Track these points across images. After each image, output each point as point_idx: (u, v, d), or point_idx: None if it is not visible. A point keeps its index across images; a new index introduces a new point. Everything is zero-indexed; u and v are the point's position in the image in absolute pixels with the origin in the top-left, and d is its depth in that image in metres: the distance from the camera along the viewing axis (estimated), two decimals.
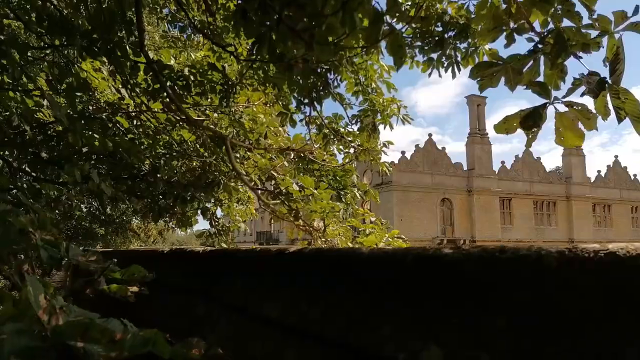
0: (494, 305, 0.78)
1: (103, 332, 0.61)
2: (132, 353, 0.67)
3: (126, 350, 0.66)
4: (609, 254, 0.64)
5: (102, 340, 0.61)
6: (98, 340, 0.61)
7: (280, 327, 1.33)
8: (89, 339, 0.61)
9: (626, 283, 0.61)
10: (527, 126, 1.55)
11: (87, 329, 0.61)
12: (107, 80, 3.63)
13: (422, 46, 3.21)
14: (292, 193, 3.33)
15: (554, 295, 0.69)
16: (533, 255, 0.74)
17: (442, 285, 0.91)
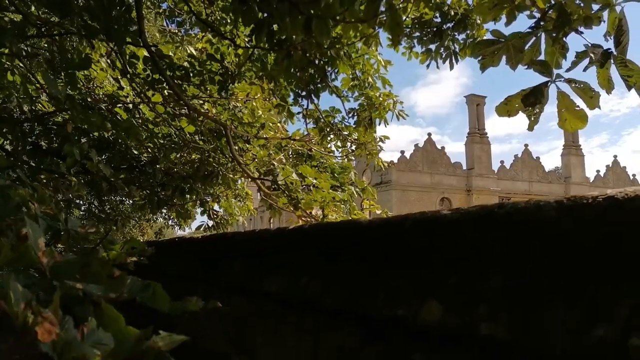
0: (493, 261, 0.78)
1: (103, 266, 0.61)
2: (132, 295, 0.67)
3: (126, 291, 0.66)
4: (607, 198, 0.64)
5: (102, 274, 0.60)
6: (98, 275, 0.61)
7: (280, 301, 1.33)
8: (88, 276, 0.61)
9: (625, 226, 0.61)
10: (528, 103, 1.55)
11: (86, 265, 0.61)
12: (105, 72, 3.63)
13: (420, 37, 3.21)
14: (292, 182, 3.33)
15: (553, 246, 0.69)
16: (531, 207, 0.74)
17: (441, 247, 0.91)
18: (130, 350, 0.51)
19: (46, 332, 0.44)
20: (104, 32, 2.14)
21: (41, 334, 0.44)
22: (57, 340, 0.44)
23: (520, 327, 0.64)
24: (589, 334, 0.56)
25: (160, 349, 0.51)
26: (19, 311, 0.49)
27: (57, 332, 0.44)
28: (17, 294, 0.50)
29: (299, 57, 2.41)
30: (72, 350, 0.45)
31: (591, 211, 0.65)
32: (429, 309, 0.81)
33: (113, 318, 0.61)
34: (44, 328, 0.44)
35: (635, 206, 0.60)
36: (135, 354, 0.50)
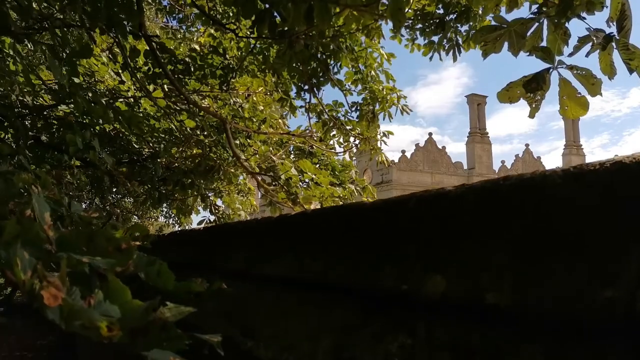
0: (499, 233, 0.77)
1: (109, 240, 0.60)
2: (138, 270, 0.67)
3: (132, 265, 0.66)
4: (615, 163, 0.63)
5: (109, 247, 0.60)
6: (104, 249, 0.60)
7: (282, 283, 1.32)
8: (94, 249, 0.61)
9: (632, 189, 0.60)
10: (529, 89, 1.54)
11: (92, 237, 0.60)
12: (107, 66, 3.63)
13: (423, 28, 3.20)
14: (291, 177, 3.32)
15: (558, 213, 0.68)
16: (537, 177, 0.73)
17: (446, 223, 0.90)
18: (137, 320, 0.50)
19: (52, 297, 0.43)
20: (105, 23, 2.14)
21: (47, 298, 0.43)
22: (63, 306, 0.44)
23: (526, 294, 0.63)
24: (597, 296, 0.55)
25: (167, 319, 0.50)
26: (25, 278, 0.48)
27: (63, 297, 0.44)
28: (24, 262, 0.50)
29: (300, 47, 2.40)
30: (78, 315, 0.44)
31: (597, 176, 0.64)
32: (432, 282, 0.80)
33: (119, 291, 0.60)
34: (50, 293, 0.43)
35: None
36: (141, 324, 0.49)
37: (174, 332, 0.49)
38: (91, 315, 0.44)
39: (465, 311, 0.72)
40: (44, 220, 0.61)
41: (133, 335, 0.47)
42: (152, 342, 0.48)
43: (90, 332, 0.44)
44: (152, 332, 0.47)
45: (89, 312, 0.44)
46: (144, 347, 0.49)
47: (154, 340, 0.47)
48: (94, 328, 0.43)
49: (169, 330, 0.48)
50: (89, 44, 1.96)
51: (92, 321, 0.43)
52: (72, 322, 0.44)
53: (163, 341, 0.48)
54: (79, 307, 0.44)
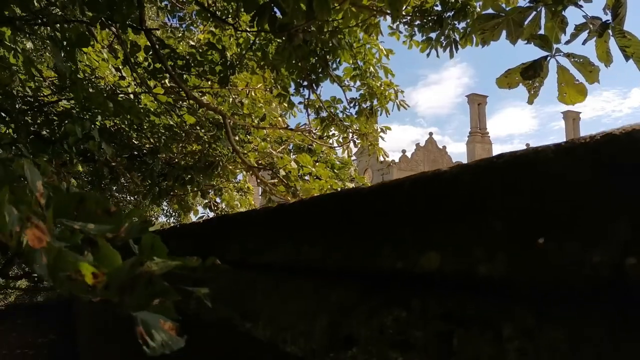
0: (493, 209, 0.78)
1: (97, 202, 0.61)
2: (129, 236, 0.67)
3: (124, 232, 0.66)
4: (605, 135, 0.64)
5: (98, 211, 0.60)
6: (93, 213, 0.61)
7: (280, 270, 1.33)
8: (84, 212, 0.61)
9: (621, 159, 0.61)
10: (527, 76, 1.55)
11: (82, 200, 0.61)
12: (107, 62, 3.64)
13: (421, 25, 3.21)
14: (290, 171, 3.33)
15: (551, 186, 0.70)
16: (530, 152, 0.74)
17: (440, 203, 0.91)
18: (124, 275, 0.51)
19: (36, 239, 0.44)
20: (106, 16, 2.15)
21: (31, 239, 0.44)
22: (48, 249, 0.45)
23: (518, 263, 0.64)
24: (587, 261, 0.56)
25: (154, 273, 0.51)
26: (13, 230, 0.49)
27: (47, 240, 0.45)
28: (12, 216, 0.50)
29: (299, 40, 2.42)
30: (63, 260, 0.45)
31: (587, 149, 0.65)
32: (427, 258, 0.81)
33: (110, 256, 0.61)
34: (34, 233, 0.44)
35: (632, 138, 0.60)
36: (128, 279, 0.50)
37: (161, 286, 0.50)
38: (76, 258, 0.44)
39: (460, 285, 0.73)
40: (36, 188, 0.62)
41: (121, 292, 0.48)
42: (140, 299, 0.49)
43: (76, 285, 0.45)
44: (139, 287, 0.48)
45: (73, 255, 0.45)
46: (133, 306, 0.50)
47: (142, 296, 0.48)
48: (80, 279, 0.44)
49: (155, 285, 0.49)
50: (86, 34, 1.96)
51: (77, 266, 0.44)
52: (58, 274, 0.44)
53: (151, 296, 0.49)
54: (64, 250, 0.45)
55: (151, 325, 0.52)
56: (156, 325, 0.53)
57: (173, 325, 0.57)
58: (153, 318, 0.54)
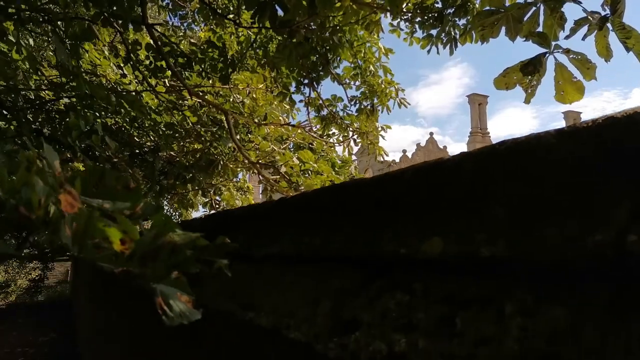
0: (495, 196, 0.79)
1: (117, 178, 0.62)
2: (145, 214, 0.68)
3: (140, 209, 0.67)
4: (607, 119, 0.65)
5: (118, 187, 0.61)
6: (113, 189, 0.62)
7: (281, 261, 1.34)
8: (104, 187, 0.62)
9: (622, 141, 0.62)
10: (527, 72, 1.56)
11: (102, 175, 0.62)
12: (108, 60, 3.65)
13: (422, 21, 3.22)
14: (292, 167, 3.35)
15: (552, 170, 0.70)
16: (532, 138, 0.75)
17: (443, 191, 0.92)
18: (147, 245, 0.52)
19: (68, 204, 0.45)
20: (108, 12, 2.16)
21: (64, 204, 0.45)
22: (79, 214, 0.45)
23: (520, 244, 0.65)
24: (587, 240, 0.57)
25: (177, 243, 0.52)
26: (41, 200, 0.50)
27: (79, 206, 0.46)
28: (39, 187, 0.51)
29: (300, 37, 2.43)
30: (93, 225, 0.46)
31: (589, 132, 0.66)
32: (430, 244, 0.82)
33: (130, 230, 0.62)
34: (67, 200, 0.45)
35: (634, 120, 0.61)
36: (151, 248, 0.51)
37: (184, 255, 0.51)
38: (106, 223, 0.45)
39: (462, 268, 0.74)
40: (55, 167, 0.63)
41: (144, 260, 0.49)
42: (161, 269, 0.49)
43: (101, 253, 0.45)
44: (163, 256, 0.49)
45: (105, 221, 0.46)
46: (154, 277, 0.51)
47: (163, 266, 0.49)
48: (107, 246, 0.45)
49: (178, 254, 0.50)
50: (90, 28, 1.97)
51: (106, 232, 0.44)
52: (85, 241, 0.45)
53: (173, 267, 0.50)
54: (95, 216, 0.46)
55: (169, 297, 0.54)
56: (174, 297, 0.54)
57: (189, 299, 0.58)
58: (171, 290, 0.55)
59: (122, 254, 0.49)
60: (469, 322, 0.61)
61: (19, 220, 0.59)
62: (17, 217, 0.56)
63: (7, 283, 15.38)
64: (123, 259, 0.51)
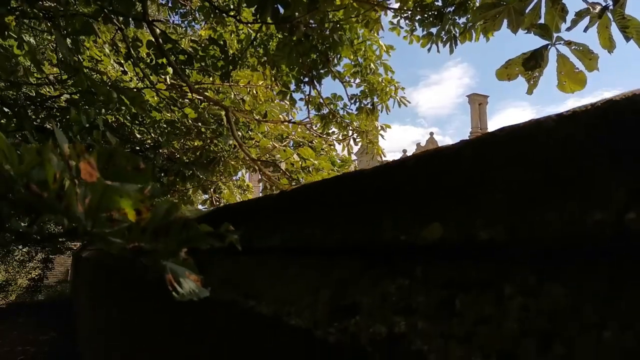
0: (495, 181, 0.79)
1: (127, 159, 0.62)
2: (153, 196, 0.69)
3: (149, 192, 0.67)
4: (606, 102, 0.65)
5: (128, 167, 0.61)
6: (123, 169, 0.62)
7: (283, 253, 1.34)
8: (114, 169, 0.62)
9: (621, 123, 0.62)
10: (529, 67, 1.56)
11: (111, 155, 0.62)
12: (109, 57, 3.66)
13: (422, 19, 3.23)
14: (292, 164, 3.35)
15: (553, 153, 0.71)
16: (532, 123, 0.75)
17: (442, 179, 0.92)
18: (159, 220, 0.52)
19: (87, 173, 0.45)
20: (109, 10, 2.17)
21: (84, 172, 0.45)
22: (96, 184, 0.46)
23: (519, 227, 0.65)
24: (587, 220, 0.57)
25: (189, 218, 0.53)
26: (57, 174, 0.50)
27: (97, 176, 0.46)
28: (53, 161, 0.52)
29: (301, 34, 2.43)
30: (110, 196, 0.46)
31: (589, 115, 0.66)
32: (430, 229, 0.82)
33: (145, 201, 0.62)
34: (86, 168, 0.45)
35: (632, 101, 0.61)
36: (164, 222, 0.52)
37: (196, 230, 0.51)
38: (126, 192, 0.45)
39: (462, 252, 0.74)
40: (64, 150, 0.63)
41: (156, 235, 0.49)
42: (172, 245, 0.50)
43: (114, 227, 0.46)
44: (174, 230, 0.49)
45: (119, 192, 0.46)
46: (164, 253, 0.52)
47: (174, 242, 0.50)
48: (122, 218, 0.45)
49: (190, 229, 0.50)
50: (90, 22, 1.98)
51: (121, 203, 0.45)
52: (99, 215, 0.46)
53: (184, 242, 0.50)
54: (111, 186, 0.46)
55: (179, 274, 0.54)
56: (183, 275, 0.55)
57: (198, 278, 0.58)
58: (180, 269, 0.56)
59: (135, 227, 0.49)
60: (469, 303, 0.61)
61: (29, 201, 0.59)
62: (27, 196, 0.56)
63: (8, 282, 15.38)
64: (136, 234, 0.52)
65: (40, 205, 0.55)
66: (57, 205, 0.53)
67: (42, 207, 0.56)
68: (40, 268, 16.79)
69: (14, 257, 15.22)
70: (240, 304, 1.17)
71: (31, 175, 0.56)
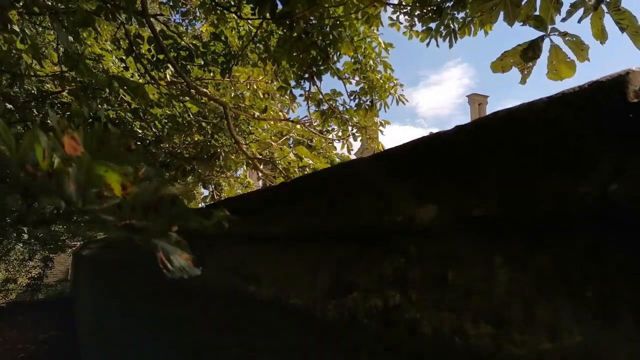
0: (488, 164, 0.82)
1: (119, 139, 0.65)
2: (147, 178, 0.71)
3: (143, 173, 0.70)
4: (593, 83, 0.68)
5: (120, 148, 0.64)
6: (116, 150, 0.64)
7: (283, 240, 1.37)
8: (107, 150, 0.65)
9: (607, 102, 0.65)
10: (527, 58, 1.59)
11: (103, 134, 0.64)
12: (111, 53, 3.68)
13: (421, 15, 3.25)
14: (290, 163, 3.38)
15: (543, 133, 0.73)
16: (524, 106, 0.78)
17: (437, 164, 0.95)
18: (149, 196, 0.55)
19: (72, 147, 0.47)
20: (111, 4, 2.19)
21: (68, 146, 0.47)
22: (81, 159, 0.48)
23: (510, 201, 0.68)
24: (574, 193, 0.60)
25: (177, 194, 0.55)
26: (45, 151, 0.52)
27: (82, 151, 0.48)
28: (42, 139, 0.54)
29: (301, 29, 2.45)
30: (94, 172, 0.48)
31: (577, 96, 0.69)
32: (425, 210, 0.85)
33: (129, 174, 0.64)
34: (70, 143, 0.47)
35: (617, 82, 0.64)
36: (153, 199, 0.54)
37: (183, 207, 0.53)
38: (107, 166, 0.48)
39: (456, 231, 0.76)
40: (62, 131, 0.66)
41: (146, 212, 0.51)
42: (163, 222, 0.52)
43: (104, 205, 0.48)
44: (164, 207, 0.51)
45: (104, 164, 0.48)
46: (155, 232, 0.54)
47: (165, 219, 0.52)
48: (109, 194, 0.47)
49: (178, 205, 0.52)
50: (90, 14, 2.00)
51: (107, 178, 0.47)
52: (88, 192, 0.48)
53: (174, 218, 0.52)
54: (96, 161, 0.48)
55: (170, 252, 0.56)
56: (174, 253, 0.57)
57: (190, 257, 0.60)
58: (172, 248, 0.58)
59: (125, 204, 0.51)
60: (461, 274, 0.63)
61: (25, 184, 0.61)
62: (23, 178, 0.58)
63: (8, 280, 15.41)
64: (126, 211, 0.54)
65: (35, 186, 0.57)
66: (48, 183, 0.55)
67: (36, 188, 0.58)
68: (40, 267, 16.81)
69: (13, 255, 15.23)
70: (241, 289, 1.20)
71: (27, 157, 0.58)
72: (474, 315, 0.53)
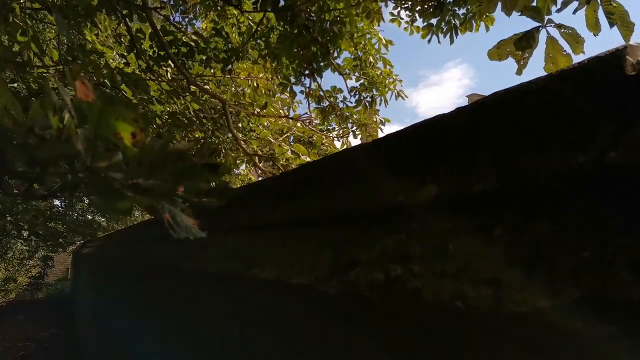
0: (485, 144, 0.83)
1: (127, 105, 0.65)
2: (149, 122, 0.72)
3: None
4: (593, 58, 0.69)
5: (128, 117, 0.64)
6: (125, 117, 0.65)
7: (283, 229, 1.38)
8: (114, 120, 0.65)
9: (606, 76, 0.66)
10: (521, 47, 1.60)
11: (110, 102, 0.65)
12: (112, 49, 3.69)
13: (422, 10, 3.26)
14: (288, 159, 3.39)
15: (541, 110, 0.74)
16: (522, 85, 0.79)
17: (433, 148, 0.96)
18: (155, 153, 0.56)
19: (83, 93, 0.48)
20: None
21: (79, 91, 0.48)
22: (92, 104, 0.48)
23: (508, 176, 0.69)
24: (572, 163, 0.61)
25: (183, 150, 0.56)
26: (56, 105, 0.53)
27: (93, 97, 0.49)
28: (52, 95, 0.54)
29: (302, 21, 2.47)
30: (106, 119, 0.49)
31: (576, 71, 0.70)
32: (425, 191, 0.86)
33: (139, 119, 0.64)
34: (81, 88, 0.48)
35: (616, 56, 0.65)
36: (160, 156, 0.55)
37: (190, 162, 0.54)
38: (121, 112, 0.48)
39: (456, 207, 0.78)
40: (67, 102, 0.66)
41: (153, 168, 0.52)
42: (170, 180, 0.53)
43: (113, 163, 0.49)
44: (170, 163, 0.52)
45: (115, 113, 0.49)
46: (163, 192, 0.55)
47: (172, 176, 0.53)
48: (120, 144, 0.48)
49: (185, 160, 0.53)
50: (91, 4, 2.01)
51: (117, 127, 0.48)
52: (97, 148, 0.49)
53: (181, 175, 0.53)
54: (107, 107, 0.49)
55: (176, 215, 0.57)
56: (180, 216, 0.58)
57: (195, 221, 0.61)
58: (178, 211, 0.59)
59: (132, 160, 0.52)
60: (460, 246, 0.64)
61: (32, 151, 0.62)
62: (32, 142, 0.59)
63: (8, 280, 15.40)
64: (133, 168, 0.55)
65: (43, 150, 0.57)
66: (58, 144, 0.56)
67: (44, 152, 0.58)
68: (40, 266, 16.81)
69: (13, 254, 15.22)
70: (243, 273, 1.21)
71: (35, 122, 0.59)
72: (474, 281, 0.54)
